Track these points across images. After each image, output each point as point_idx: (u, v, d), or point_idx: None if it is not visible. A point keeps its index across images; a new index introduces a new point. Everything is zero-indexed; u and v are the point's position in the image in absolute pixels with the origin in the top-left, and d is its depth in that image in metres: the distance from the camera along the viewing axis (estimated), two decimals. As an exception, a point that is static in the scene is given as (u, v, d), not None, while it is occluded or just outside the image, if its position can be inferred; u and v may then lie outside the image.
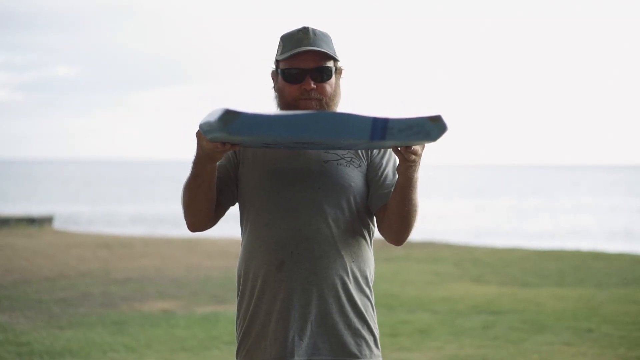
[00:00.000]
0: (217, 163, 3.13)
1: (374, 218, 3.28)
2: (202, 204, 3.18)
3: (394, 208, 3.15)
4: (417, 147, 2.98)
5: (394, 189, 3.15)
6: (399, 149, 2.97)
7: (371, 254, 3.28)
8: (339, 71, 3.26)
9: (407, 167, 3.03)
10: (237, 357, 3.27)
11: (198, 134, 3.02)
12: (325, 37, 3.22)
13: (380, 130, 2.80)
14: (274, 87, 3.28)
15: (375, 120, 2.79)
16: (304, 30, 3.20)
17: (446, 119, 2.84)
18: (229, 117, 2.74)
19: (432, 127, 2.83)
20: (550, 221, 37.64)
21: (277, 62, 3.26)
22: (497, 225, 34.21)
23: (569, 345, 8.90)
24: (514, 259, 17.20)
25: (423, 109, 2.94)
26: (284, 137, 2.80)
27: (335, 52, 3.23)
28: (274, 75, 3.28)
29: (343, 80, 3.29)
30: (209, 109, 2.96)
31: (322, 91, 3.19)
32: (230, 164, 3.26)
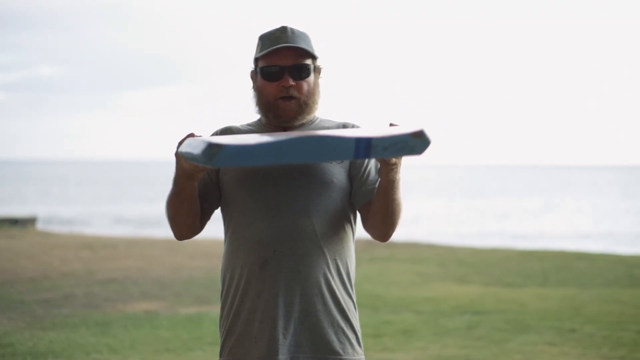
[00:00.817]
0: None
1: (357, 214, 3.29)
2: (186, 217, 3.20)
3: (377, 208, 3.16)
4: None
5: (376, 191, 3.16)
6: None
7: (353, 251, 3.29)
8: (317, 70, 3.28)
9: (389, 170, 3.05)
10: (220, 356, 3.26)
11: (177, 155, 3.05)
12: (303, 36, 3.24)
13: (364, 149, 2.80)
14: (253, 87, 3.29)
15: (359, 140, 2.79)
16: (282, 29, 3.23)
17: (429, 133, 2.83)
18: (213, 151, 2.72)
19: (416, 143, 2.83)
20: (535, 221, 37.75)
21: (256, 61, 3.27)
22: (481, 226, 34.28)
23: (552, 345, 8.92)
24: (497, 260, 17.24)
25: (406, 123, 2.95)
26: (268, 164, 2.80)
27: (313, 50, 3.25)
28: (253, 75, 3.29)
29: (323, 80, 3.30)
30: (189, 142, 2.94)
31: (300, 89, 3.21)
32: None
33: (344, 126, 3.30)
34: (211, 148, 2.72)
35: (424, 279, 14.18)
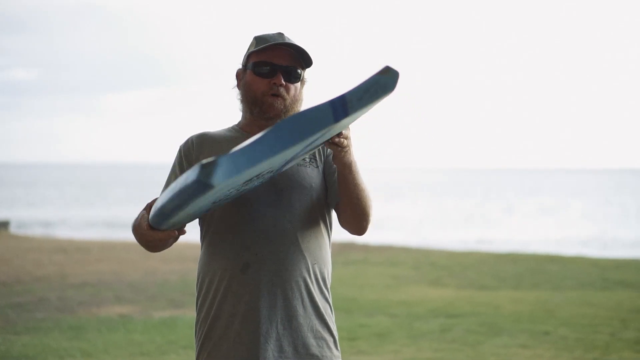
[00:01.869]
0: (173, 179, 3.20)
1: (333, 219, 3.30)
2: (161, 249, 3.20)
3: (344, 198, 3.17)
4: (345, 131, 2.99)
5: (337, 181, 3.17)
6: (329, 140, 2.98)
7: (330, 255, 3.30)
8: (303, 81, 3.29)
9: (340, 152, 3.02)
10: (197, 360, 3.25)
11: (146, 229, 3.03)
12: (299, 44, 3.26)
13: (342, 108, 2.77)
14: (237, 85, 3.29)
15: (333, 102, 2.76)
16: (280, 34, 3.25)
17: (394, 66, 2.80)
18: (208, 169, 2.59)
19: (386, 79, 2.79)
20: (510, 225, 37.88)
21: (247, 58, 3.27)
22: (456, 229, 34.37)
23: (525, 348, 8.96)
24: (471, 263, 17.29)
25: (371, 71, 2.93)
26: (266, 162, 2.74)
27: (310, 57, 3.26)
28: (240, 73, 3.29)
29: (305, 92, 3.32)
30: (171, 186, 2.83)
31: (289, 91, 3.22)
32: None
33: None
34: (205, 167, 2.59)
35: (398, 282, 14.20)
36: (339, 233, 3.32)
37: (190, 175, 2.64)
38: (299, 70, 3.24)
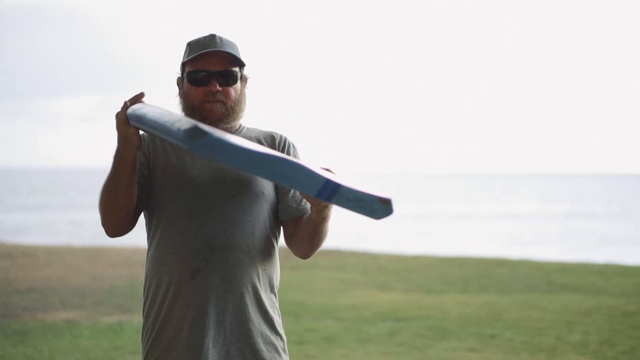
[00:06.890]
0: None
1: (281, 227, 3.29)
2: (122, 201, 3.11)
3: (305, 235, 3.20)
4: None
5: (306, 220, 3.19)
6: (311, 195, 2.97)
7: (278, 261, 3.31)
8: (244, 79, 3.28)
9: (322, 208, 3.06)
10: (144, 366, 3.22)
11: (121, 117, 3.03)
12: (231, 44, 3.25)
13: (329, 192, 2.75)
14: (179, 93, 3.28)
15: (328, 182, 2.74)
16: (211, 36, 3.24)
17: (394, 204, 2.81)
18: (197, 134, 2.62)
19: (379, 207, 2.79)
20: (458, 228, 38.13)
21: (183, 66, 3.26)
22: (403, 232, 34.51)
23: (473, 351, 9.02)
24: (419, 266, 17.38)
25: (375, 187, 2.92)
26: (238, 168, 2.75)
27: (241, 57, 3.25)
28: (180, 81, 3.28)
29: (249, 90, 3.31)
30: (160, 111, 2.87)
31: (227, 95, 3.21)
32: (143, 167, 3.23)
33: (271, 136, 3.31)
34: (196, 130, 2.62)
35: (346, 286, 14.23)
36: (285, 244, 3.32)
37: (178, 122, 2.70)
38: (235, 71, 3.23)
